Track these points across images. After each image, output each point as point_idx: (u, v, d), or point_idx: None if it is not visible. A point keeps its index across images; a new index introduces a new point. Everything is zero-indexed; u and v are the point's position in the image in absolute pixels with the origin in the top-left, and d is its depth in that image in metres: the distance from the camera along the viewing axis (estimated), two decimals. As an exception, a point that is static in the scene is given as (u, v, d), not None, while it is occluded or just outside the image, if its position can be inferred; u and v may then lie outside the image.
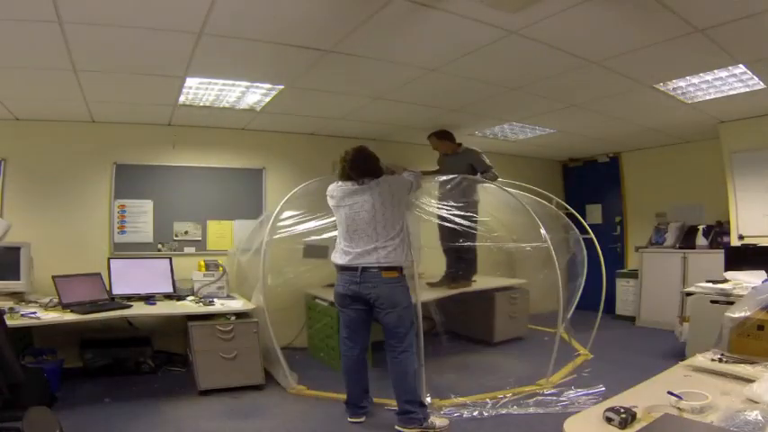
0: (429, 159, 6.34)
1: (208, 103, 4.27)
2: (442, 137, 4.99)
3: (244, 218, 5.22)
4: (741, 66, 3.48)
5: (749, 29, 2.81)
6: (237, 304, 4.09)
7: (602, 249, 5.38)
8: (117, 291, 4.15)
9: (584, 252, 5.23)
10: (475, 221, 4.29)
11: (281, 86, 3.86)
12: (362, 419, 3.29)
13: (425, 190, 4.18)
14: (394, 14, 2.62)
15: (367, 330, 3.37)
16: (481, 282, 5.21)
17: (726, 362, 1.78)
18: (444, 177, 4.35)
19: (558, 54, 3.20)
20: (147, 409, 3.48)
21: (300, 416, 3.41)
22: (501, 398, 3.66)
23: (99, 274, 4.20)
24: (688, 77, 3.75)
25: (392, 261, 3.10)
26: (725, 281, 4.18)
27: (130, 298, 4.08)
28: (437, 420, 3.15)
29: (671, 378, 1.70)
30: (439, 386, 3.83)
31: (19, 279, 3.91)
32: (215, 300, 4.15)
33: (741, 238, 4.98)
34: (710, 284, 4.06)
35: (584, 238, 5.26)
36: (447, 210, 4.13)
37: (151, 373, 4.30)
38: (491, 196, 5.08)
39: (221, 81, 3.74)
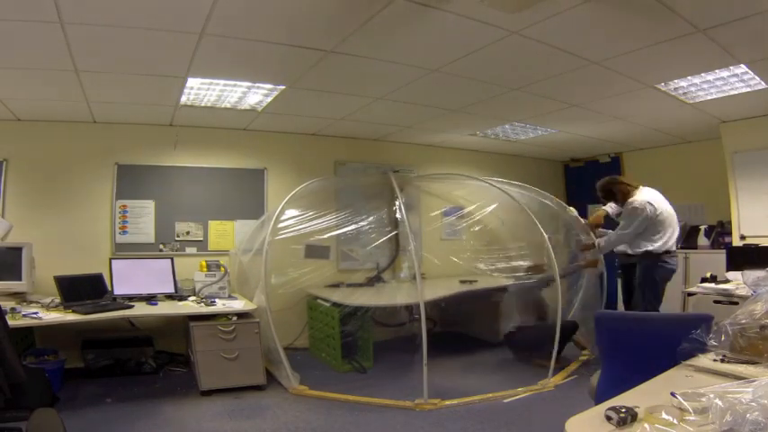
0: (428, 160, 6.37)
1: (209, 104, 4.28)
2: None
3: (245, 218, 5.22)
4: (742, 65, 3.47)
5: (750, 29, 2.80)
6: (239, 304, 4.10)
7: (603, 249, 5.36)
8: (118, 291, 4.15)
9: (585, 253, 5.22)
10: None
11: (283, 87, 3.86)
12: None
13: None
14: (395, 15, 2.62)
15: None
16: (484, 281, 5.21)
17: (728, 362, 1.78)
18: None
19: (558, 54, 3.20)
20: (149, 409, 3.49)
21: (302, 416, 3.41)
22: (503, 398, 3.66)
23: (101, 275, 4.21)
24: (689, 77, 3.75)
25: None
26: (726, 280, 4.17)
27: (132, 298, 4.08)
28: None
29: (673, 378, 1.69)
30: (441, 386, 3.83)
31: (20, 279, 3.91)
32: (216, 300, 4.16)
33: (743, 238, 4.97)
34: (713, 285, 4.05)
35: (585, 238, 5.24)
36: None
37: (153, 374, 4.30)
38: (491, 196, 5.08)
39: (223, 81, 3.75)
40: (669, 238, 4.09)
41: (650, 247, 4.05)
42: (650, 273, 4.07)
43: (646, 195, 4.17)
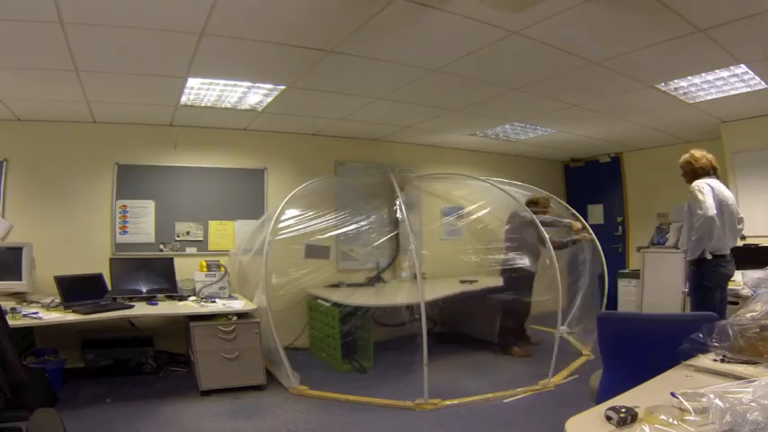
0: (428, 160, 6.36)
1: (209, 104, 4.28)
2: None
3: (245, 218, 5.22)
4: (742, 65, 3.48)
5: (750, 29, 2.81)
6: (239, 304, 4.10)
7: (603, 250, 5.37)
8: (119, 291, 4.15)
9: (585, 252, 5.23)
10: None
11: (283, 87, 3.87)
12: None
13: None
14: (395, 15, 2.62)
15: None
16: (483, 282, 5.21)
17: (728, 362, 1.78)
18: None
19: (559, 54, 3.21)
20: (149, 409, 3.48)
21: (302, 416, 3.41)
22: (503, 398, 3.66)
23: (101, 275, 4.21)
24: (689, 77, 3.75)
25: None
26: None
27: (132, 298, 4.08)
28: None
29: (673, 378, 1.69)
30: (441, 386, 3.83)
31: (21, 279, 3.91)
32: (216, 300, 4.16)
33: (743, 238, 4.96)
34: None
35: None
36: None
37: (153, 374, 4.30)
38: (491, 196, 5.09)
39: (223, 81, 3.75)
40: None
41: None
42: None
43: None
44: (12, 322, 3.00)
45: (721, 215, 3.41)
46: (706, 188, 3.43)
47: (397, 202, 4.65)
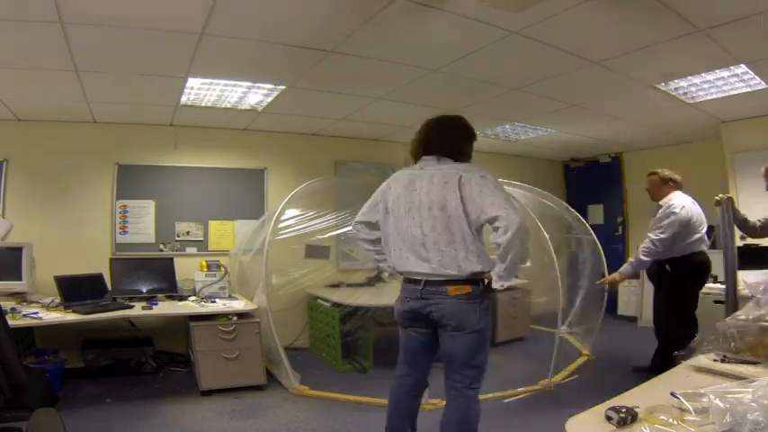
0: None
1: (209, 104, 4.28)
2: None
3: (245, 218, 5.23)
4: (742, 65, 3.48)
5: (750, 29, 2.80)
6: (239, 304, 4.10)
7: (603, 249, 5.37)
8: (119, 291, 4.15)
9: (585, 252, 5.23)
10: None
11: (283, 87, 3.87)
12: None
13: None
14: (395, 15, 2.62)
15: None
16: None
17: (728, 362, 1.78)
18: None
19: (559, 54, 3.20)
20: (149, 409, 3.48)
21: (302, 416, 3.41)
22: (503, 398, 3.66)
23: (101, 275, 4.21)
24: (689, 77, 3.75)
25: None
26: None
27: (132, 298, 4.08)
28: None
29: (673, 378, 1.69)
30: (441, 386, 3.82)
31: (21, 279, 3.91)
32: (217, 300, 4.16)
33: (743, 238, 4.95)
34: (715, 285, 4.05)
35: (585, 239, 5.25)
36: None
37: (153, 374, 4.30)
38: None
39: (223, 81, 3.75)
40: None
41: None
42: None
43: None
44: (12, 322, 3.00)
45: None
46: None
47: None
